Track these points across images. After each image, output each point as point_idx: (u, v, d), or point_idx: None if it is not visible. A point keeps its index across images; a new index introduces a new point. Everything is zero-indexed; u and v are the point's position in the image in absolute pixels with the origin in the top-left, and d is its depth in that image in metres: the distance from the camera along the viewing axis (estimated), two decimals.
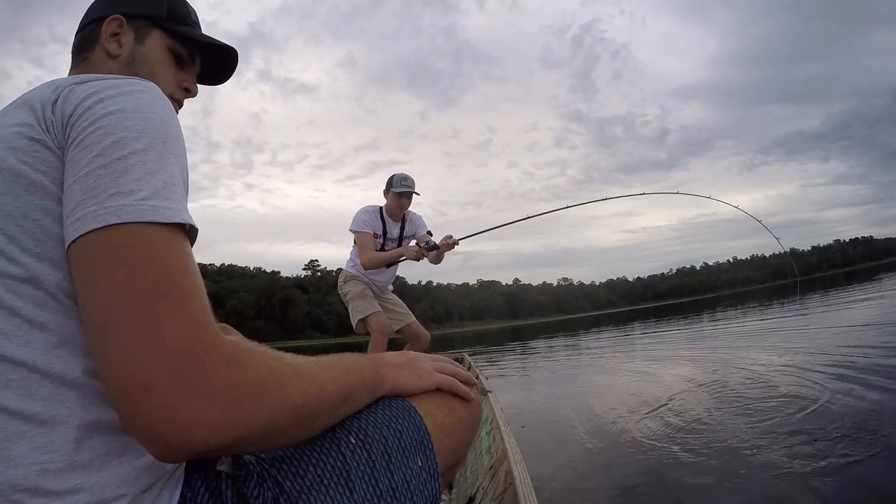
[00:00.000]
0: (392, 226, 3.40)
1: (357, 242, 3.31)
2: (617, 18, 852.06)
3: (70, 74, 0.75)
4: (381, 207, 3.41)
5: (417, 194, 3.36)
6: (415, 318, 3.55)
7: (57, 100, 0.54)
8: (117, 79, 0.58)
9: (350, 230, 3.36)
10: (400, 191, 3.27)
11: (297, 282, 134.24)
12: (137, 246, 0.46)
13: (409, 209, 3.44)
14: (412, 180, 3.32)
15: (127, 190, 0.47)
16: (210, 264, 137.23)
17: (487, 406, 2.04)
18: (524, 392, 5.38)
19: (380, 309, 3.31)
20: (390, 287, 3.62)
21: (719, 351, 6.45)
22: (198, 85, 0.89)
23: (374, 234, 3.34)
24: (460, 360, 3.53)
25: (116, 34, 0.77)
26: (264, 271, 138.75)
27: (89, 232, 0.46)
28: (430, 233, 3.30)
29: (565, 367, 7.58)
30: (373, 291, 3.42)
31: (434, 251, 3.02)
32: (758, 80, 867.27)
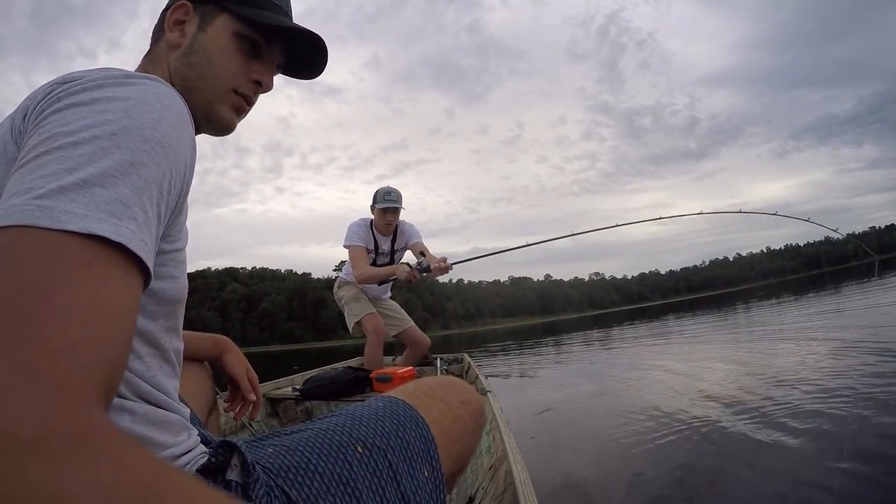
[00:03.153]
0: (382, 240, 3.37)
1: (350, 257, 3.28)
2: (642, 7, 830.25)
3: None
4: (371, 220, 3.37)
5: (403, 209, 3.31)
6: (413, 324, 3.49)
7: (29, 107, 0.49)
8: (101, 72, 0.50)
9: (343, 246, 3.31)
10: (384, 206, 3.23)
11: (328, 283, 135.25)
12: (1, 250, 0.36)
13: (402, 219, 3.39)
14: (397, 194, 3.27)
15: (25, 189, 0.38)
16: (242, 268, 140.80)
17: (487, 406, 2.04)
18: (532, 392, 5.34)
19: (374, 310, 3.30)
20: (387, 294, 3.58)
21: (742, 352, 6.33)
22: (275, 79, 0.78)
23: (367, 248, 3.30)
24: (460, 361, 3.44)
25: (182, 22, 0.69)
26: (295, 273, 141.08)
27: None
28: (422, 254, 3.19)
29: (587, 364, 7.49)
30: (367, 296, 3.40)
31: (427, 273, 2.97)
32: (785, 64, 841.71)
